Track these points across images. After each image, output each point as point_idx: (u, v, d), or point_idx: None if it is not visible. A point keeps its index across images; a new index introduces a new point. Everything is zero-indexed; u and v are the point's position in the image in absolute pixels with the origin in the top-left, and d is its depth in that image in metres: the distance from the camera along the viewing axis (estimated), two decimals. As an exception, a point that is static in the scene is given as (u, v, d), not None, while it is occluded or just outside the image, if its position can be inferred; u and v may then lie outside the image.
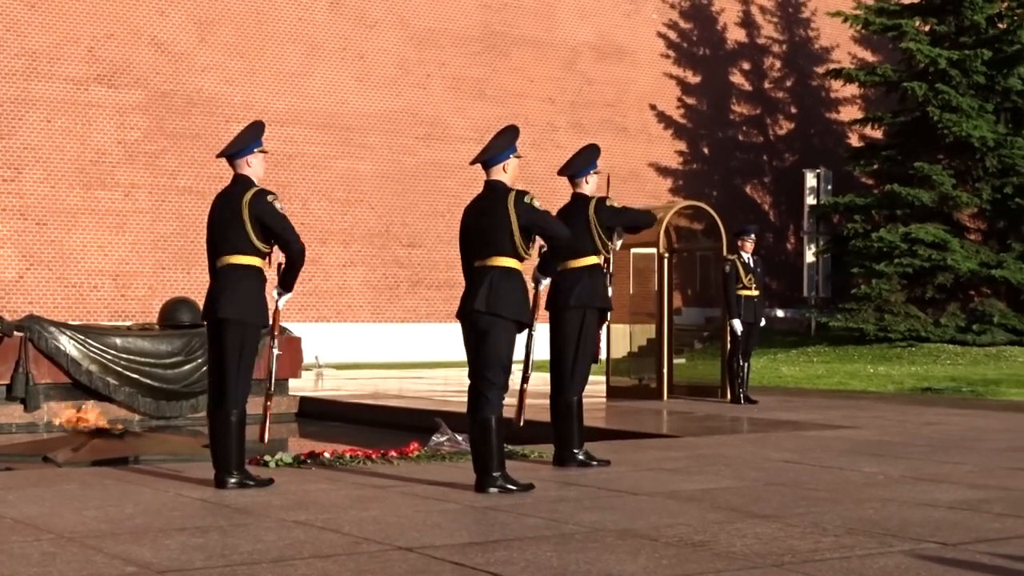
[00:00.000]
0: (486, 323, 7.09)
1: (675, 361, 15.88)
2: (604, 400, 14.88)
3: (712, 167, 33.47)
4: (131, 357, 13.96)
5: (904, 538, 5.70)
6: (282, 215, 7.24)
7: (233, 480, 7.13)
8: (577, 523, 6.03)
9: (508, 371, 7.15)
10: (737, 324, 14.44)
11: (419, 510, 6.43)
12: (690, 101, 33.22)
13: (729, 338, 14.69)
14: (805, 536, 5.73)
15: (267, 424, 7.70)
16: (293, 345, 15.18)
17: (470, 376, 7.23)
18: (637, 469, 8.25)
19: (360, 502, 6.72)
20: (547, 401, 8.54)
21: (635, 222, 8.50)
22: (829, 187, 30.80)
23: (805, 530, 5.89)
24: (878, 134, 31.56)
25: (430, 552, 5.27)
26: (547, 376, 8.49)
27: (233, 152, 7.45)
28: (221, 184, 7.52)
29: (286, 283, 7.41)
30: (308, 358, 18.80)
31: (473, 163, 7.43)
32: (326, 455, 8.50)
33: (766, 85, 34.86)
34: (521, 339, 7.35)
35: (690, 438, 10.60)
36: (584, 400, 8.56)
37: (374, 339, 26.77)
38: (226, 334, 7.20)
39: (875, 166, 29.35)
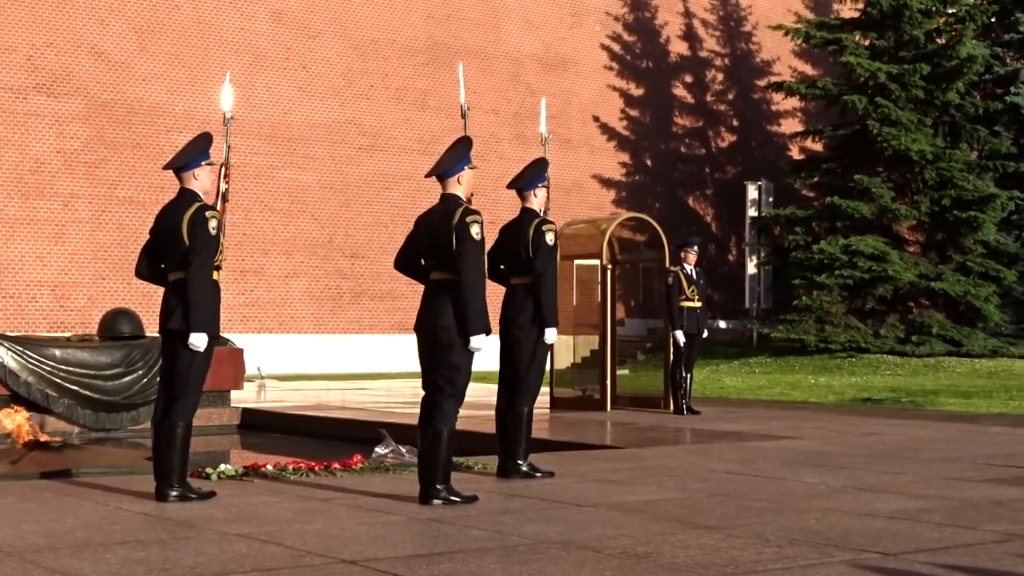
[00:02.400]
0: (449, 337, 7.05)
1: (618, 372, 15.91)
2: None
3: (655, 179, 33.63)
4: (70, 369, 13.79)
5: (846, 548, 5.75)
6: (207, 236, 7.13)
7: (174, 493, 7.07)
8: (521, 535, 6.03)
9: (467, 383, 7.18)
10: (679, 335, 14.50)
11: (362, 522, 6.40)
12: (633, 113, 33.37)
13: (672, 349, 14.75)
14: (747, 547, 5.76)
15: None
16: (235, 356, 15.07)
17: (424, 387, 7.21)
18: (581, 480, 8.27)
19: (303, 515, 6.68)
20: (492, 412, 8.53)
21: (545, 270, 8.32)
22: (770, 199, 31.03)
23: (747, 541, 5.92)
24: (819, 147, 31.85)
25: (373, 565, 5.25)
26: (490, 387, 8.48)
27: (180, 165, 7.40)
28: (162, 194, 7.50)
29: (192, 322, 7.09)
30: (250, 369, 18.67)
31: (428, 176, 7.42)
32: (268, 467, 8.45)
33: (708, 98, 35.09)
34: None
35: (633, 449, 10.63)
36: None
37: (317, 350, 26.63)
38: (177, 346, 7.16)
39: (816, 179, 29.63)
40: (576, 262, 15.76)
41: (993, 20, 30.52)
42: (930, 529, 6.34)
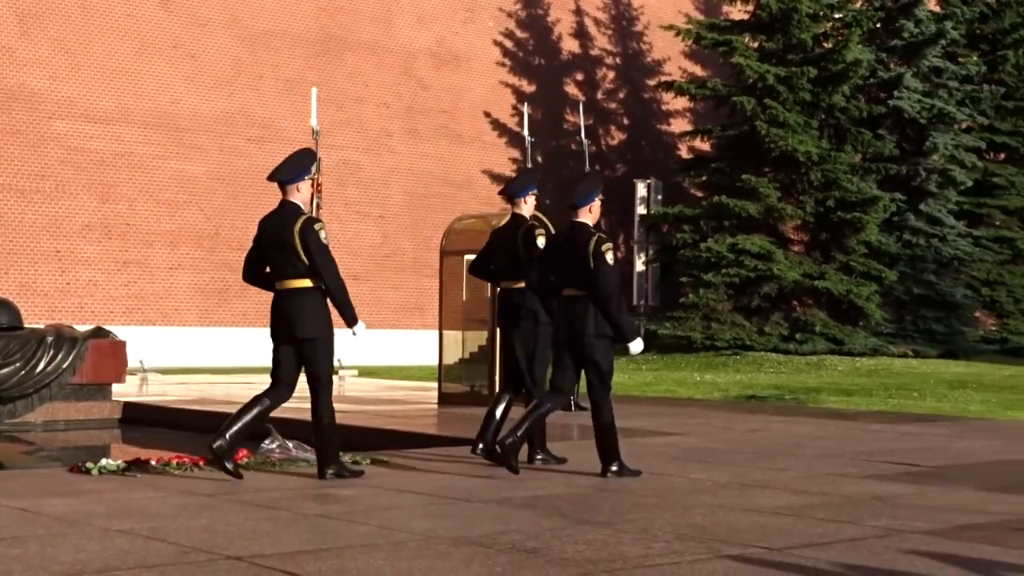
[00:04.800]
0: (593, 344, 8.16)
1: (507, 368, 15.89)
2: (436, 407, 14.84)
3: (545, 176, 33.70)
4: (-54, 360, 13.41)
5: (732, 543, 5.80)
6: (323, 245, 7.81)
7: (331, 471, 7.82)
8: (410, 531, 5.99)
9: (612, 376, 8.36)
10: (569, 331, 14.52)
11: (248, 518, 6.30)
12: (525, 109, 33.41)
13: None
14: (636, 542, 5.78)
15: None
16: (117, 349, 14.79)
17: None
18: (469, 476, 8.24)
19: (187, 510, 6.56)
20: (377, 407, 8.47)
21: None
22: (659, 197, 31.32)
23: (635, 536, 5.94)
24: (707, 146, 32.21)
25: (260, 561, 5.17)
26: (380, 383, 8.44)
27: (286, 178, 7.97)
28: (43, 183, 7.34)
29: (346, 317, 7.88)
30: (132, 362, 18.35)
31: (568, 207, 8.21)
32: (151, 462, 8.29)
33: (599, 96, 35.30)
34: None
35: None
36: (416, 407, 8.57)
37: (201, 343, 26.29)
38: (306, 351, 7.90)
39: (704, 178, 29.96)
40: (466, 257, 15.71)
41: (878, 26, 31.16)
42: (814, 524, 6.42)
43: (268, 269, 8.07)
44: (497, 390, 8.66)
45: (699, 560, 5.39)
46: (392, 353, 27.87)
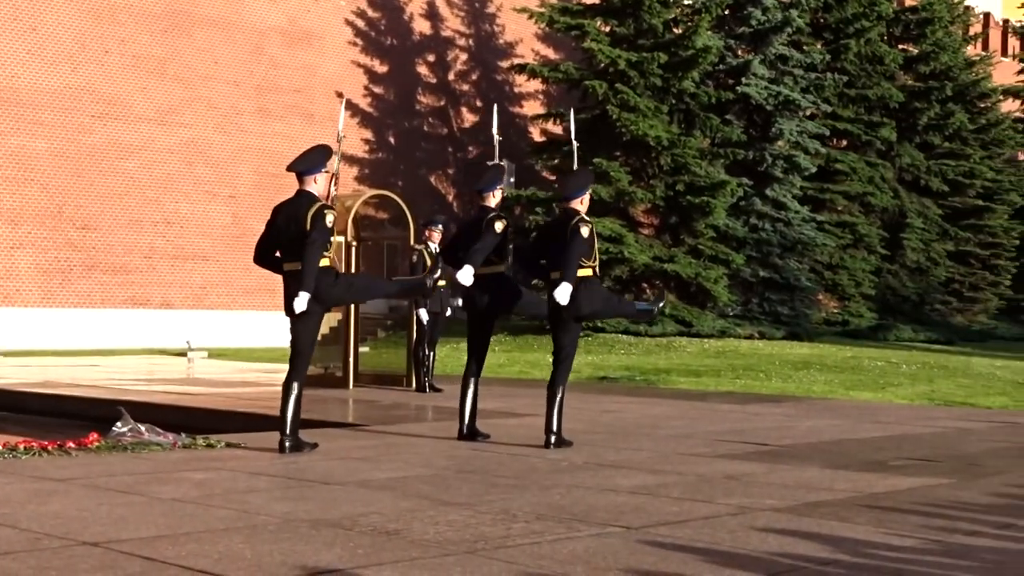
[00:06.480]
0: (566, 314, 8.88)
1: (360, 349, 15.86)
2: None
3: (398, 157, 33.62)
4: None
5: (590, 523, 5.87)
6: (324, 227, 8.16)
7: (288, 443, 8.29)
8: (269, 514, 5.93)
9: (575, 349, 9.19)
10: (423, 313, 14.55)
11: (102, 503, 6.18)
12: (377, 90, 33.25)
13: (415, 327, 14.79)
14: (496, 523, 5.82)
15: None
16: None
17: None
18: (327, 458, 8.20)
19: (38, 496, 6.40)
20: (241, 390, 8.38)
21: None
22: (512, 180, 31.41)
23: (496, 517, 5.98)
24: (559, 130, 32.43)
25: (116, 547, 5.07)
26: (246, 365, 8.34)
27: (302, 169, 8.38)
28: None
29: (303, 284, 8.23)
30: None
31: (558, 200, 8.79)
32: (-2, 447, 8.07)
33: (451, 77, 35.27)
34: None
35: (378, 427, 10.62)
36: (268, 389, 8.54)
37: (44, 325, 25.61)
38: (297, 325, 8.37)
39: (556, 161, 30.14)
40: (320, 238, 15.58)
41: (727, 13, 31.68)
42: (669, 503, 6.54)
43: (278, 253, 8.43)
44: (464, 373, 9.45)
45: (559, 539, 5.45)
46: (242, 335, 27.55)
